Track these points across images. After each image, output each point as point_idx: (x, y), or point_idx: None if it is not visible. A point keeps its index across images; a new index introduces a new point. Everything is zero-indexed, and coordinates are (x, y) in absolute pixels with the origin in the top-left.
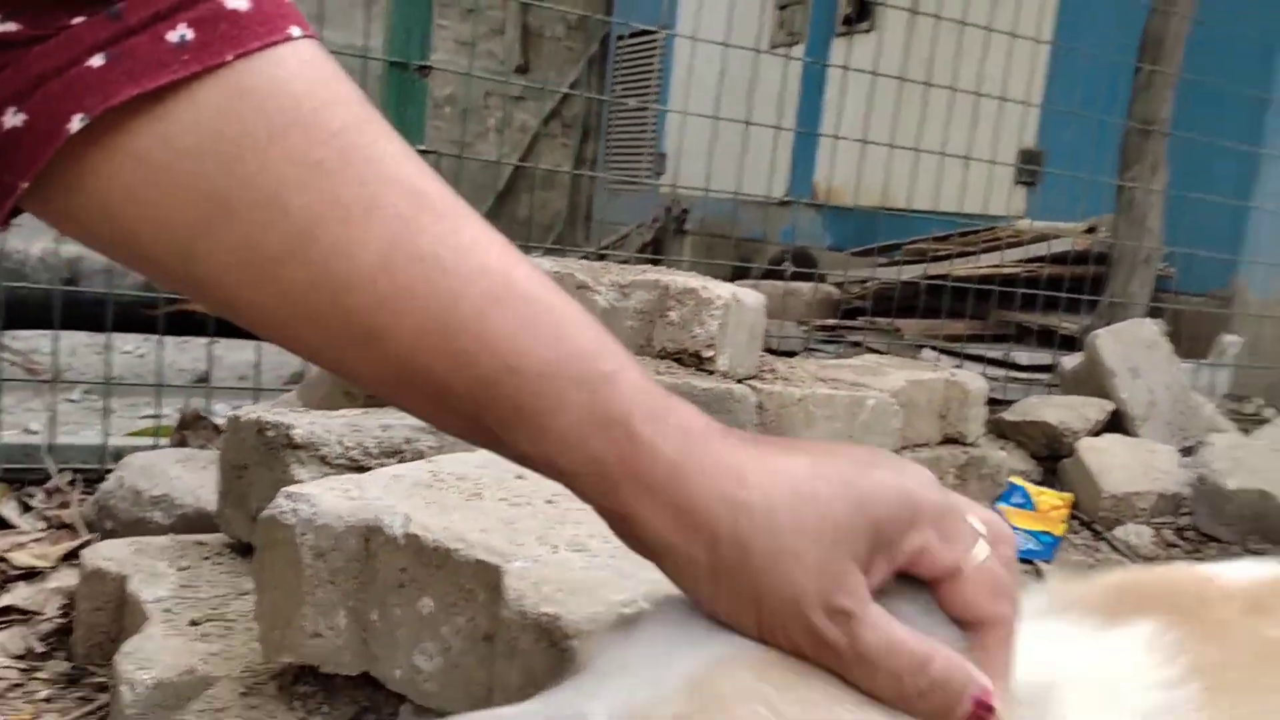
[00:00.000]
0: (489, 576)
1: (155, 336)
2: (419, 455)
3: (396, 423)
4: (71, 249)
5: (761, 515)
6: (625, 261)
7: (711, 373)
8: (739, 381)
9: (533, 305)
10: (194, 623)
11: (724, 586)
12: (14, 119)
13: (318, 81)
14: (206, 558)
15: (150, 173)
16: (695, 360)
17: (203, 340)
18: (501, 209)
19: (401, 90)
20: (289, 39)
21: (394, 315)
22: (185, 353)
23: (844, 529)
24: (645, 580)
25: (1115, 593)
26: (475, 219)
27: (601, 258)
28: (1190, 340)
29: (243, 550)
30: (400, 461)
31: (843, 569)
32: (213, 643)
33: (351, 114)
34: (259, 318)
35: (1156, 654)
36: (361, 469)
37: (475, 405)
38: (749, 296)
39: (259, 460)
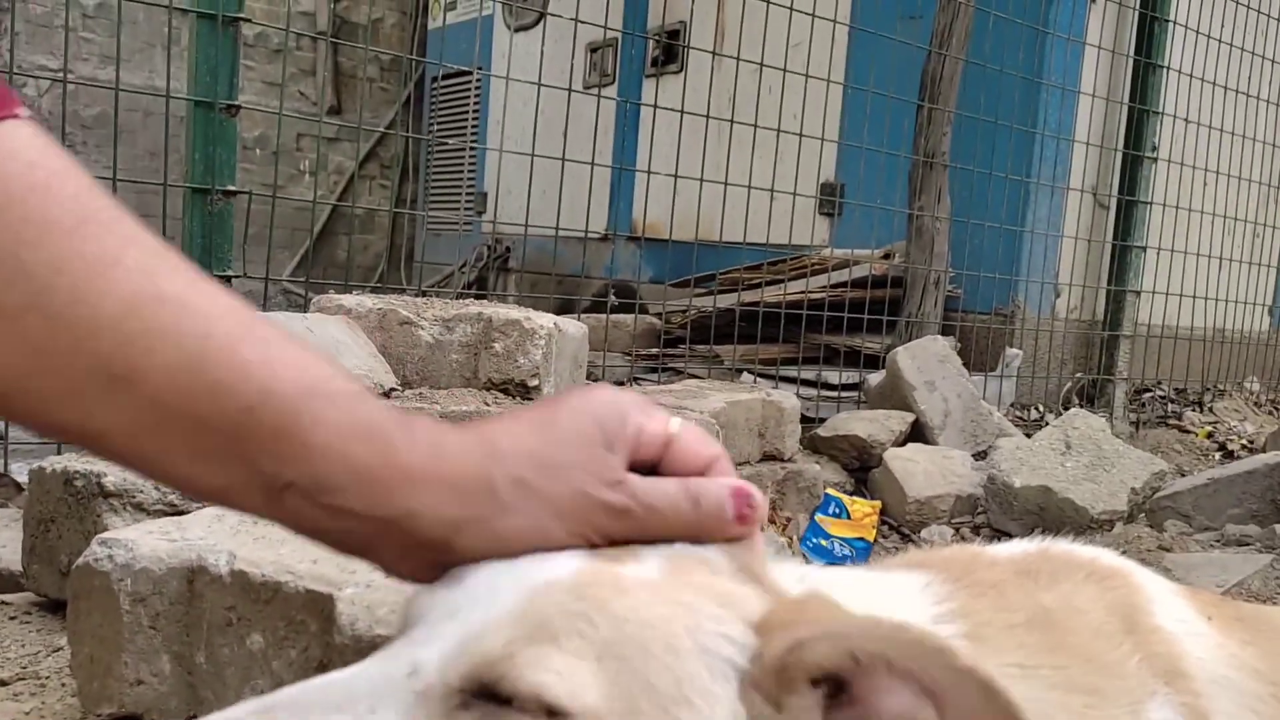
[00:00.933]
0: (321, 605)
1: None
2: None
3: None
4: None
5: (517, 454)
6: (457, 297)
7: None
8: None
9: (278, 333)
10: (3, 683)
11: (520, 520)
12: None
13: (47, 153)
14: (13, 617)
15: None
16: (521, 390)
17: None
18: (319, 252)
19: (209, 131)
20: (17, 117)
21: (145, 354)
22: None
23: (583, 434)
24: None
25: (901, 561)
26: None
27: (424, 296)
28: (979, 354)
29: (52, 607)
30: None
31: (598, 456)
32: (25, 701)
33: (83, 183)
34: (4, 375)
35: (928, 596)
36: (181, 513)
37: (234, 436)
38: (571, 326)
39: (68, 512)
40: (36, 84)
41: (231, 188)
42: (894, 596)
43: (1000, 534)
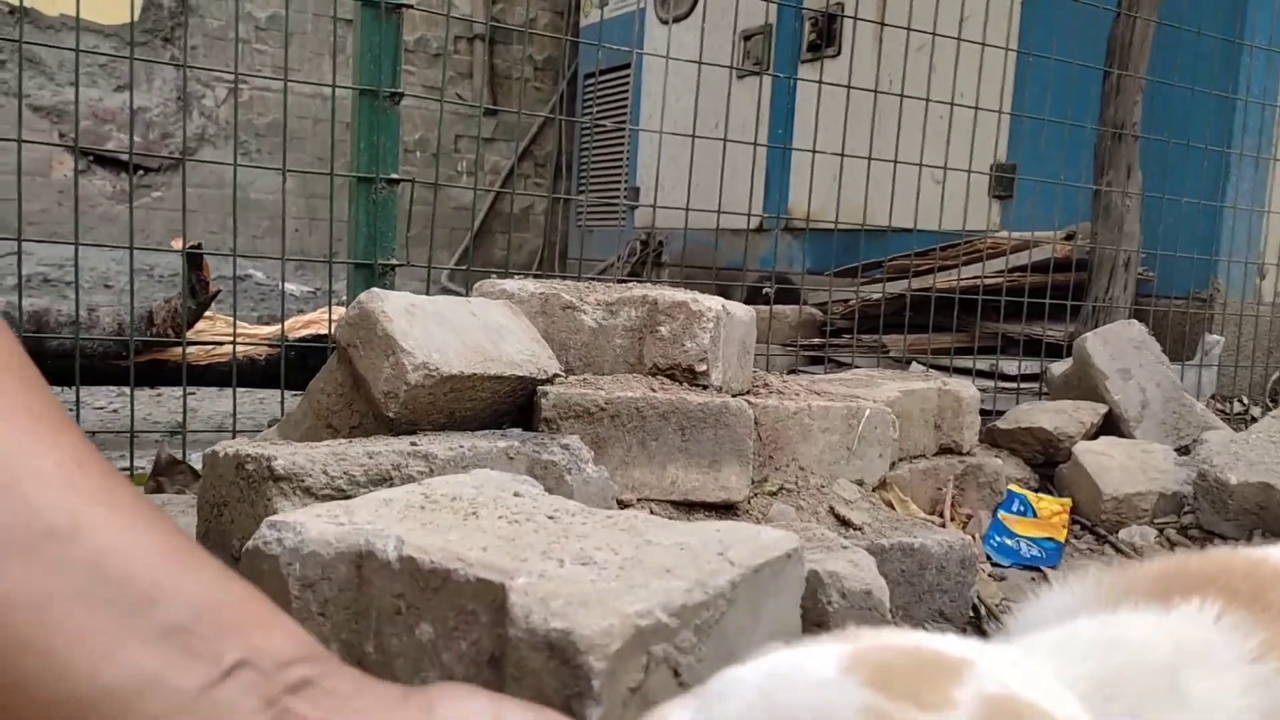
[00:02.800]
0: (492, 595)
1: (128, 390)
2: (409, 481)
3: (383, 449)
4: (39, 301)
5: None
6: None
7: (705, 387)
8: (734, 396)
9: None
10: None
11: None
12: None
13: None
14: None
15: None
16: (688, 375)
17: (177, 391)
18: (476, 251)
19: (373, 120)
20: None
21: None
22: (160, 405)
23: None
24: (659, 590)
25: (1162, 579)
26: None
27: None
28: (1173, 343)
29: None
30: (389, 487)
31: None
32: None
33: None
34: None
35: (1230, 632)
36: (348, 498)
37: None
38: (739, 310)
39: (240, 496)
40: (214, 95)
41: (395, 176)
42: (1191, 642)
43: (1212, 536)
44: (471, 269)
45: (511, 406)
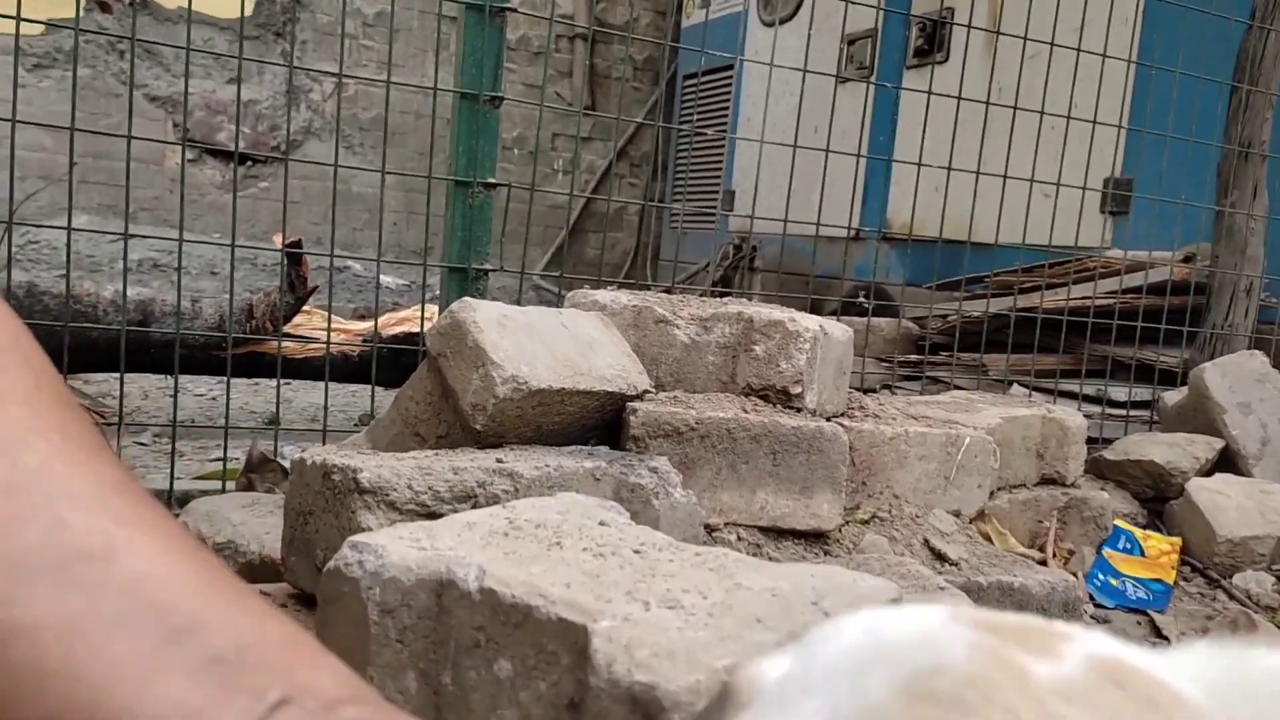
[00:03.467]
0: (574, 637)
1: (226, 379)
2: (493, 500)
3: (469, 465)
4: (145, 291)
5: None
6: (702, 295)
7: (799, 410)
8: (828, 419)
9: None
10: None
11: None
12: None
13: None
14: None
15: None
16: (782, 397)
17: (274, 382)
18: (570, 249)
19: (472, 123)
20: None
21: None
22: (258, 394)
23: None
24: (749, 643)
25: None
26: None
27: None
28: None
29: (308, 601)
30: (473, 506)
31: None
32: None
33: None
34: None
35: None
36: (432, 515)
37: None
38: (836, 330)
39: (325, 506)
40: (321, 89)
41: (492, 180)
42: None
43: None
44: (564, 275)
45: (600, 421)
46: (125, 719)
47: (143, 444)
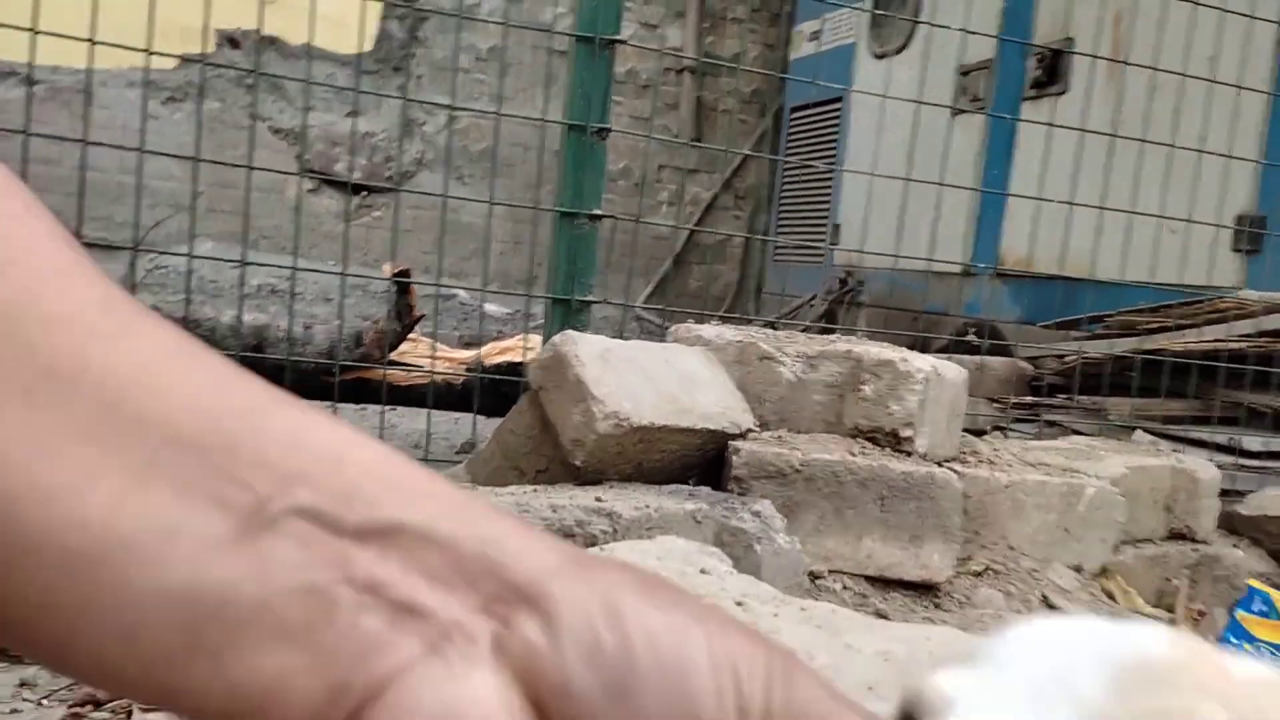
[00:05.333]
0: None
1: (334, 404)
2: (591, 540)
3: (567, 503)
4: (260, 317)
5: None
6: (806, 330)
7: (909, 454)
8: (939, 464)
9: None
10: None
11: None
12: None
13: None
14: None
15: None
16: (891, 440)
17: (379, 408)
18: (673, 281)
19: (579, 154)
20: None
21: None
22: (365, 420)
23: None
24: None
25: None
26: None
27: (772, 328)
28: None
29: None
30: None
31: None
32: None
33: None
34: None
35: None
36: None
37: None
38: (950, 371)
39: None
40: (435, 122)
41: (597, 211)
42: None
43: None
44: (667, 308)
45: (701, 459)
46: (101, 538)
47: None
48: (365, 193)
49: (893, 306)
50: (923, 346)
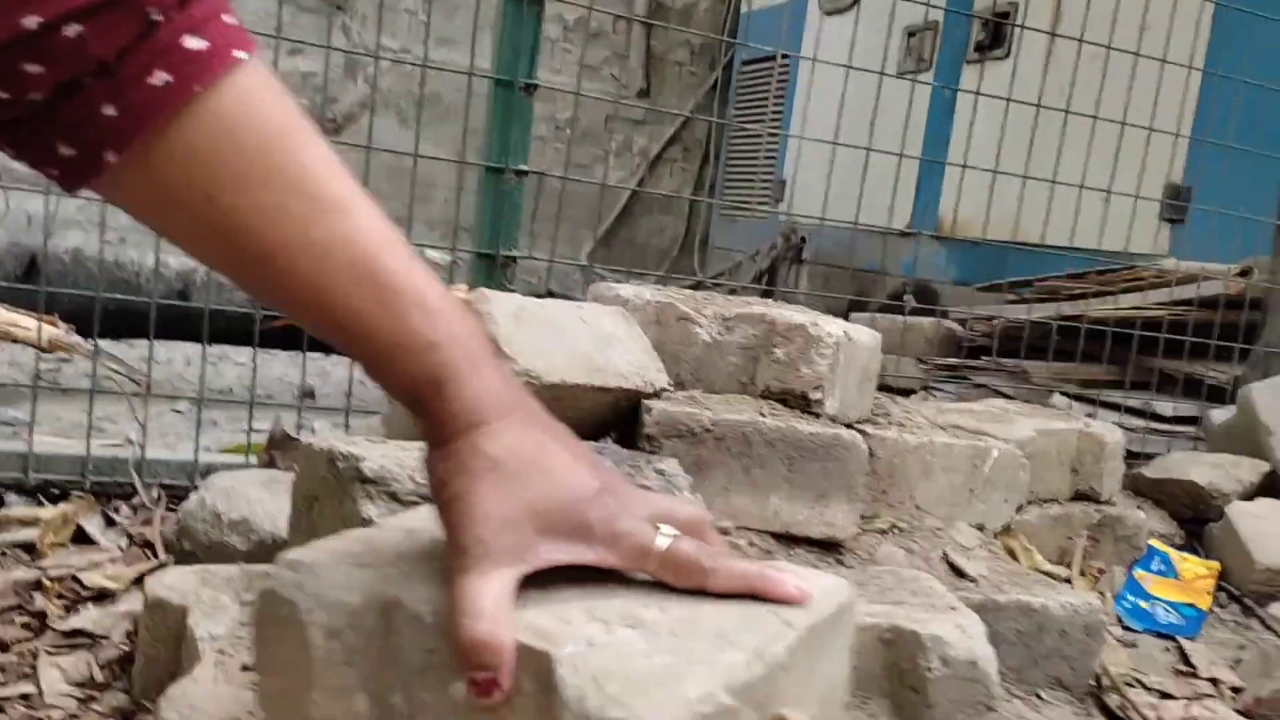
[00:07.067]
0: (536, 664)
1: (272, 351)
2: None
3: None
4: (186, 262)
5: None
6: (733, 291)
7: (818, 416)
8: (848, 426)
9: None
10: (246, 668)
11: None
12: (109, 109)
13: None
14: None
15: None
16: (801, 402)
17: (315, 355)
18: (618, 233)
19: (506, 109)
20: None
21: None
22: (298, 366)
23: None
24: (720, 666)
25: None
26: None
27: (714, 285)
28: None
29: None
30: (416, 511)
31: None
32: None
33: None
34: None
35: None
36: None
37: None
38: (864, 335)
39: (329, 493)
40: (378, 64)
41: (523, 167)
42: None
43: None
44: (593, 266)
45: (616, 418)
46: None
47: (179, 412)
48: None
49: (834, 264)
50: (860, 305)
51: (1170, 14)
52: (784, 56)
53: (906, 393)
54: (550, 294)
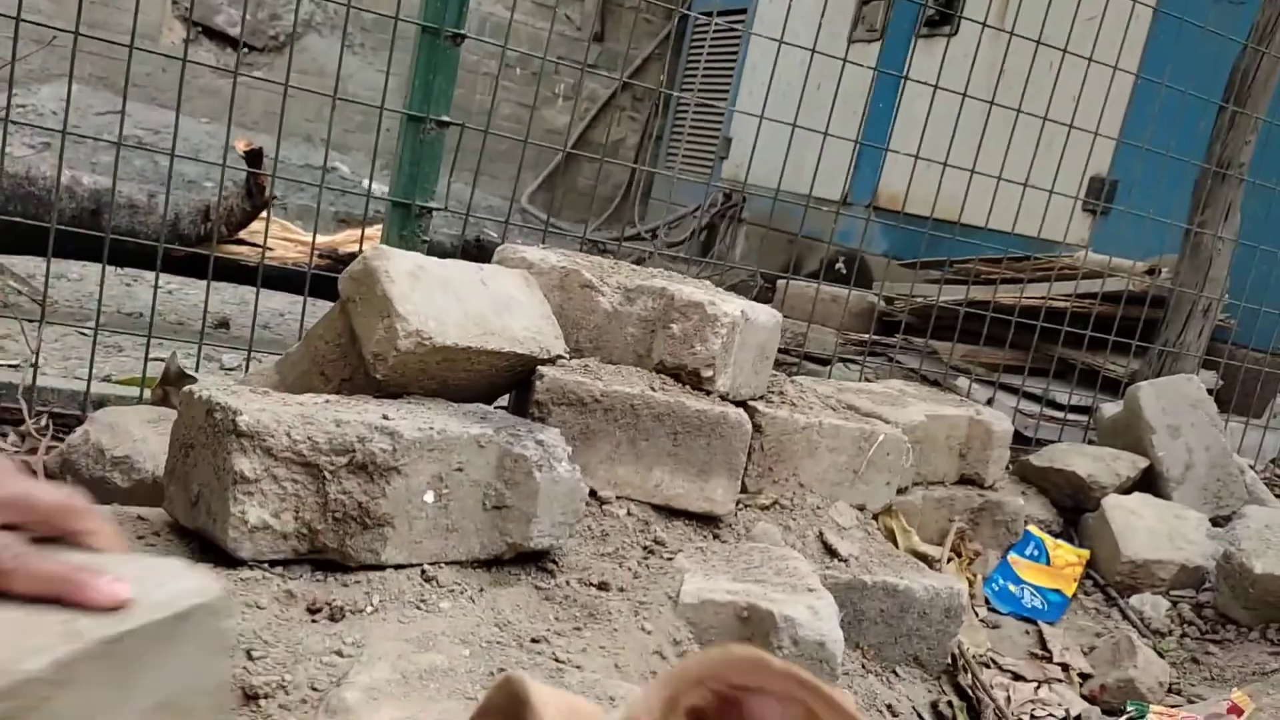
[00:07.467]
0: None
1: (190, 278)
2: (370, 456)
3: (353, 419)
4: (100, 180)
5: None
6: (672, 245)
7: (709, 393)
8: (739, 404)
9: None
10: None
11: None
12: None
13: None
14: (141, 536)
15: None
16: (693, 378)
17: (232, 285)
18: (563, 176)
19: (431, 57)
20: None
21: None
22: (215, 294)
23: None
24: None
25: None
26: None
27: (638, 238)
28: (1244, 397)
29: (180, 532)
30: (351, 462)
31: None
32: None
33: None
34: None
35: None
36: (310, 465)
37: None
38: (762, 314)
39: (204, 442)
40: None
41: (445, 118)
42: None
43: (1225, 620)
44: (508, 221)
45: (512, 381)
46: None
47: (84, 334)
48: (246, 49)
49: (771, 227)
50: (796, 270)
51: (1105, 9)
52: (738, 12)
53: (823, 362)
54: (477, 241)
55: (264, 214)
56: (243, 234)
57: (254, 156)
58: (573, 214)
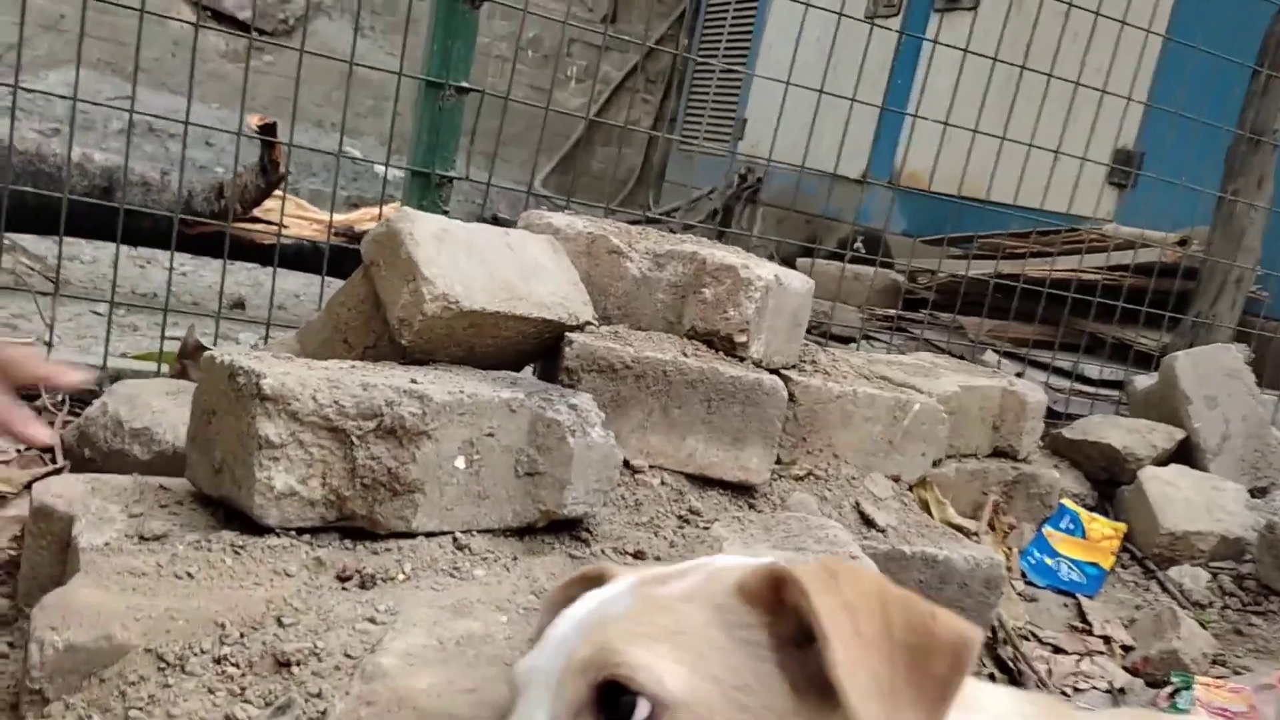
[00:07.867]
0: None
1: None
2: (399, 420)
3: (380, 383)
4: (115, 158)
5: None
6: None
7: (743, 359)
8: (772, 372)
9: None
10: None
11: None
12: None
13: None
14: (164, 505)
15: None
16: (726, 344)
17: (247, 265)
18: (575, 160)
19: (450, 22)
20: None
21: None
22: (229, 275)
23: None
24: None
25: None
26: None
27: (656, 221)
28: (1275, 370)
29: (204, 501)
30: (379, 426)
31: None
32: (139, 605)
33: None
34: None
35: None
36: (335, 429)
37: None
38: (795, 280)
39: (227, 408)
40: None
41: (464, 84)
42: None
43: (1269, 591)
44: (531, 191)
45: (539, 349)
46: None
47: (98, 314)
48: (257, 33)
49: (789, 207)
50: (811, 251)
51: None
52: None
53: (847, 340)
54: (495, 219)
55: (279, 190)
56: (257, 213)
57: (268, 129)
58: (587, 197)
